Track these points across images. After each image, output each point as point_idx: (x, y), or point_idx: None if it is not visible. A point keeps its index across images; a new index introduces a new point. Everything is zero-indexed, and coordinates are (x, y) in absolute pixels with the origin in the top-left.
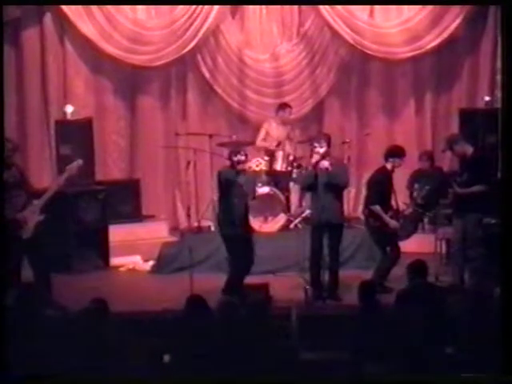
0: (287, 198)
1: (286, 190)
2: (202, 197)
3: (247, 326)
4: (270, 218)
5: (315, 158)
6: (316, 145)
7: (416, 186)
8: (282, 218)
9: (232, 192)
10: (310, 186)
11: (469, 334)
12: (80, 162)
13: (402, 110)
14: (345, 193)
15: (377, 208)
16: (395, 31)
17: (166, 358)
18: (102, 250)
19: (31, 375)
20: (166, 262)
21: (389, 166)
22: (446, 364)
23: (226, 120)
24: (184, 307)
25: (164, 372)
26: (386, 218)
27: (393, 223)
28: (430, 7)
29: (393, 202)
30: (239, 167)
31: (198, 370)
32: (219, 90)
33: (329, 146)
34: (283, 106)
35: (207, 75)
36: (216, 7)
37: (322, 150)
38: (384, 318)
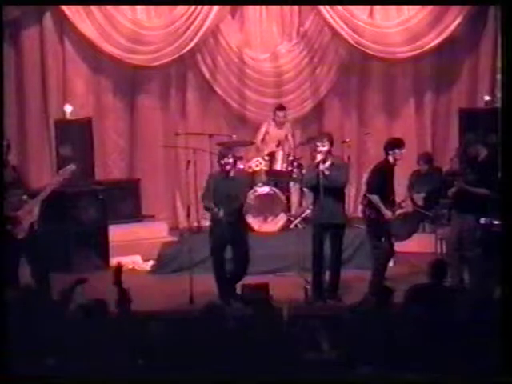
0: (287, 198)
1: (286, 190)
2: None
3: (247, 326)
4: (270, 218)
5: (318, 157)
6: (318, 144)
7: (416, 187)
8: (282, 218)
9: (217, 196)
10: (312, 187)
11: (468, 333)
12: (73, 167)
13: (402, 110)
14: (345, 193)
15: (374, 197)
16: (395, 31)
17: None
18: (101, 249)
19: (31, 375)
20: (166, 261)
21: (390, 158)
22: (446, 364)
23: (226, 120)
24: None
25: (163, 372)
26: (383, 208)
27: (388, 214)
28: (429, 7)
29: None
30: (226, 171)
31: (198, 370)
32: (219, 90)
33: (331, 145)
34: (279, 108)
35: (207, 75)
36: (216, 7)
37: (324, 149)
38: (387, 318)
